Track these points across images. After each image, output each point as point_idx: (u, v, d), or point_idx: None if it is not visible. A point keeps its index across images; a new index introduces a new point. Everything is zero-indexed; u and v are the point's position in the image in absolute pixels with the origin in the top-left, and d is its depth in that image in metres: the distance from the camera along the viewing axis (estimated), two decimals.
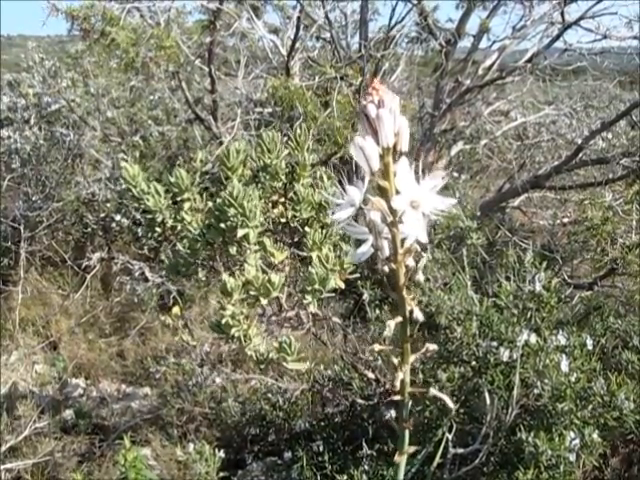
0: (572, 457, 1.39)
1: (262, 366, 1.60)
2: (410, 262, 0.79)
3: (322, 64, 3.31)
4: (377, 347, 0.87)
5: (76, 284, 4.75)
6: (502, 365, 1.61)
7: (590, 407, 1.42)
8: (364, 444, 1.91)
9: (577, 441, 1.40)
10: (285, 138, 1.96)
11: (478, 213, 3.75)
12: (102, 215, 4.38)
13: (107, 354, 4.11)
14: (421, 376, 1.71)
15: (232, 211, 1.48)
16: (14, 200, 4.75)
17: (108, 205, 4.37)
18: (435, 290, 1.77)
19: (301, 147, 1.73)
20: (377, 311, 2.95)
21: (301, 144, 1.72)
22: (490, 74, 4.49)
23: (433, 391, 0.91)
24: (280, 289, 1.57)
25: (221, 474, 2.25)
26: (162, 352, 3.27)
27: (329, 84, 3.45)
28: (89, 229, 4.72)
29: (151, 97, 5.58)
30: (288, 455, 2.61)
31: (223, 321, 1.43)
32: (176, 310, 1.83)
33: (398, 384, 0.85)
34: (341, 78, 3.03)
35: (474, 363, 1.74)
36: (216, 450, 2.32)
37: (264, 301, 1.50)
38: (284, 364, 1.57)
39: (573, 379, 1.45)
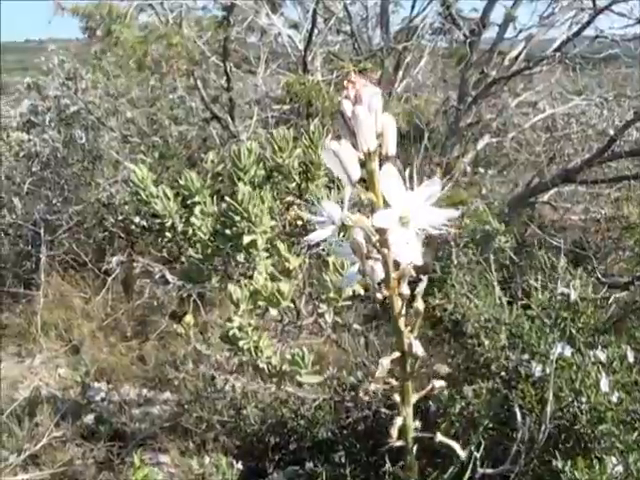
0: None
1: (275, 379, 1.50)
2: (404, 289, 0.68)
3: (342, 58, 3.19)
4: (372, 387, 0.76)
5: (98, 287, 4.73)
6: (534, 379, 1.48)
7: (635, 433, 1.28)
8: (387, 459, 1.80)
9: (620, 468, 1.27)
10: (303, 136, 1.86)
11: (506, 209, 3.61)
12: (121, 217, 4.34)
13: (128, 358, 4.07)
14: (445, 392, 1.59)
15: (237, 217, 1.39)
16: (34, 204, 4.74)
17: (127, 207, 4.32)
18: (461, 296, 1.65)
19: (315, 145, 1.63)
20: None
21: (315, 142, 1.62)
22: (517, 64, 4.33)
23: (440, 437, 0.80)
24: (292, 297, 1.47)
25: None
26: (182, 357, 3.20)
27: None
28: (109, 231, 4.70)
29: (171, 96, 5.53)
30: (310, 465, 2.52)
31: (230, 333, 1.33)
32: (188, 319, 1.74)
33: (395, 432, 0.74)
34: (360, 72, 2.91)
35: (503, 374, 1.62)
36: (234, 462, 2.24)
37: (274, 312, 1.39)
38: (298, 378, 1.47)
39: (615, 399, 1.32)
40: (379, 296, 0.67)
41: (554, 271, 1.71)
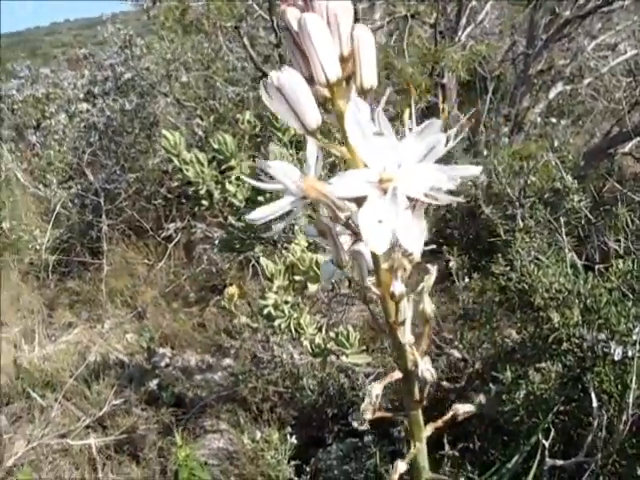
0: None
1: (319, 359, 1.38)
2: (397, 287, 0.49)
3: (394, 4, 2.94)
4: (368, 416, 0.60)
5: (160, 254, 4.77)
6: (613, 360, 1.29)
7: None
8: (445, 442, 1.66)
9: None
10: None
11: (581, 163, 3.31)
12: (177, 183, 4.31)
13: (190, 324, 4.09)
14: (508, 373, 1.42)
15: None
16: (95, 173, 4.79)
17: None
18: (527, 264, 1.46)
19: None
20: (466, 279, 2.65)
21: None
22: (593, 1, 3.91)
23: None
24: None
25: (293, 462, 2.09)
26: (239, 326, 3.15)
27: (406, 26, 3.08)
28: (169, 198, 4.70)
29: (226, 58, 5.40)
30: (368, 439, 2.43)
31: (265, 312, 1.21)
32: (232, 290, 1.64)
33: (395, 478, 0.58)
34: (412, 16, 2.66)
35: (577, 350, 1.43)
36: (288, 436, 2.16)
37: (313, 287, 1.25)
38: (343, 359, 1.34)
39: None
40: (371, 295, 0.50)
41: (637, 232, 1.49)
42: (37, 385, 3.64)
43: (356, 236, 0.48)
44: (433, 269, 0.51)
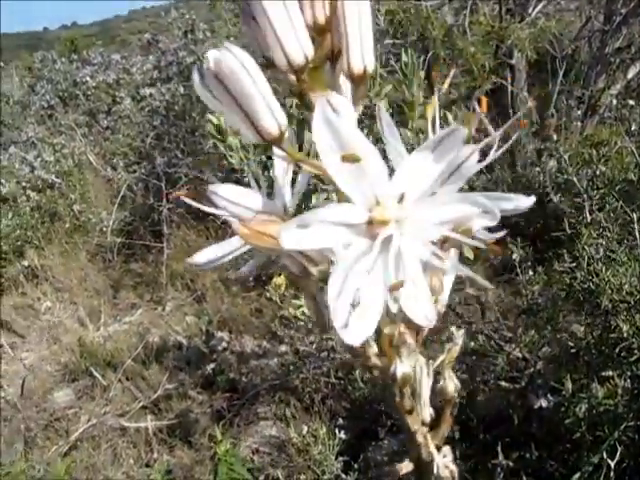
0: None
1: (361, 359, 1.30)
2: (399, 369, 0.37)
3: None
4: None
5: (220, 237, 4.79)
6: None
7: None
8: (500, 451, 1.56)
9: None
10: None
11: None
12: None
13: (248, 309, 4.09)
14: (569, 385, 1.30)
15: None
16: (161, 156, 4.84)
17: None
18: (595, 262, 1.33)
19: (409, 80, 1.35)
20: (530, 272, 2.50)
21: (409, 76, 1.34)
22: None
23: None
24: None
25: (341, 458, 2.04)
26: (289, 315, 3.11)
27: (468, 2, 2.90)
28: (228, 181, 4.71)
29: None
30: None
31: (292, 313, 1.14)
32: (279, 281, 1.59)
33: None
34: None
35: None
36: (337, 430, 2.11)
37: None
38: None
39: None
40: (372, 363, 0.40)
41: None
42: (99, 364, 3.74)
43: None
44: (459, 335, 0.40)
